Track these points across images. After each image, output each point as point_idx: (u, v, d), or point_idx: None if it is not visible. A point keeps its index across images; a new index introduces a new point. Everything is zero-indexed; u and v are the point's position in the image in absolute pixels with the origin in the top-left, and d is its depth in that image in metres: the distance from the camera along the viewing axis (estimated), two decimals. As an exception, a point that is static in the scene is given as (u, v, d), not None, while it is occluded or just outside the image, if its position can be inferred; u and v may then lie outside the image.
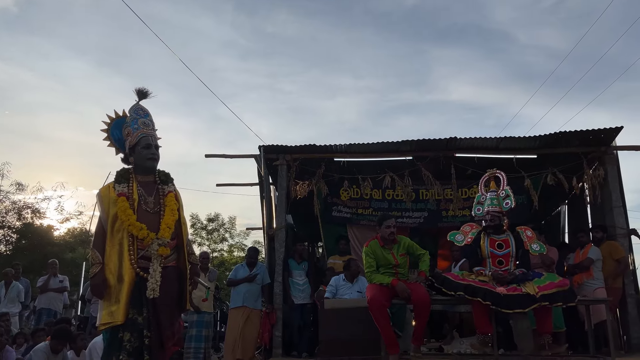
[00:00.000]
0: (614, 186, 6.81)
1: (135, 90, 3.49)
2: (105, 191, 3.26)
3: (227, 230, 26.05)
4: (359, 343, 5.03)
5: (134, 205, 3.18)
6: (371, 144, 7.04)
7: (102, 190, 3.28)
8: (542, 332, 4.60)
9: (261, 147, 7.29)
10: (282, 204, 7.23)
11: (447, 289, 4.56)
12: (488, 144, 7.01)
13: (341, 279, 6.05)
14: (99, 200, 3.27)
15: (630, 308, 6.41)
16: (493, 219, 4.88)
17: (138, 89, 3.49)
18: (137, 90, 3.49)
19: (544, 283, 4.47)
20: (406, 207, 7.75)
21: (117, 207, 3.15)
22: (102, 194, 3.26)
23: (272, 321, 6.55)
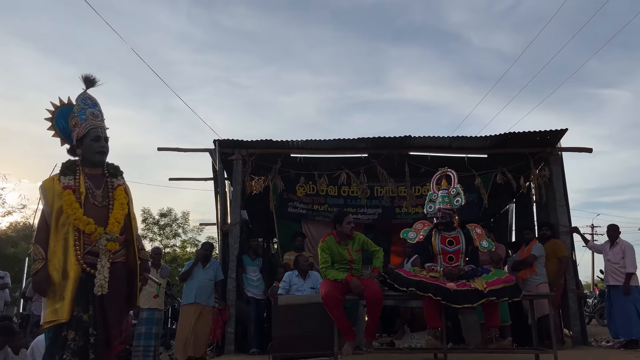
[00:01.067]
0: (558, 186, 7.12)
1: (82, 77, 3.31)
2: (49, 183, 3.10)
3: (180, 226, 25.63)
4: (312, 339, 5.04)
5: (80, 199, 3.05)
6: (328, 140, 7.07)
7: (46, 183, 3.11)
8: (489, 326, 4.75)
9: (216, 141, 7.18)
10: (237, 200, 7.15)
11: (399, 285, 4.63)
12: (441, 143, 7.18)
13: (294, 275, 6.05)
14: (42, 193, 3.11)
15: (571, 302, 6.73)
16: (444, 216, 4.99)
17: (85, 76, 3.30)
18: (84, 77, 3.30)
19: (491, 279, 4.61)
20: (361, 204, 7.83)
21: (62, 200, 3.00)
22: (45, 187, 3.10)
23: (225, 318, 6.48)
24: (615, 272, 6.39)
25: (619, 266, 6.34)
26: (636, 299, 6.28)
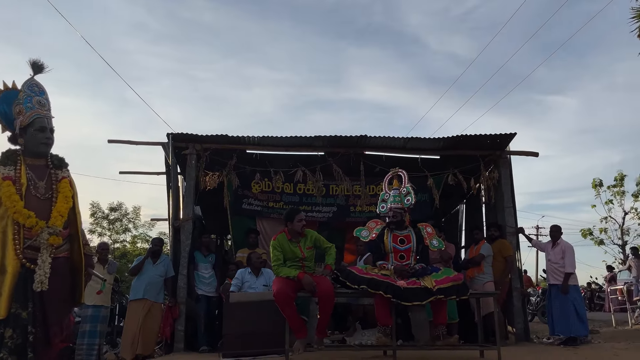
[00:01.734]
0: (506, 188, 7.38)
1: (29, 62, 3.16)
2: (-14, 173, 2.93)
3: (131, 221, 24.93)
4: (263, 336, 5.02)
5: (21, 191, 2.91)
6: (285, 137, 7.04)
7: (-17, 173, 2.95)
8: (437, 324, 4.87)
9: (169, 135, 7.02)
10: (190, 195, 7.02)
11: (351, 283, 4.67)
12: (396, 144, 7.29)
13: (247, 272, 6.00)
14: (-22, 183, 2.94)
15: (515, 301, 6.99)
16: (395, 215, 5.08)
17: (33, 61, 3.15)
18: (32, 62, 3.15)
19: (440, 277, 4.73)
20: (316, 202, 7.86)
21: (1, 191, 2.85)
22: (-18, 177, 2.93)
23: (175, 315, 6.35)
24: (556, 271, 6.68)
25: (559, 266, 6.63)
26: (575, 297, 6.58)
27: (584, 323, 6.57)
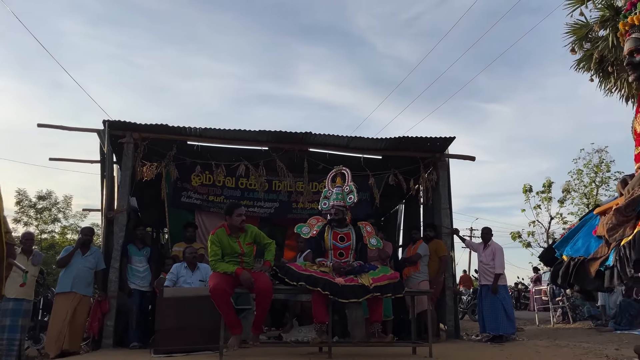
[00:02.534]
0: (443, 190, 7.61)
1: None
2: None
3: (61, 210, 23.73)
4: (197, 332, 4.90)
5: None
6: (228, 130, 6.91)
7: None
8: (372, 321, 4.94)
9: (106, 122, 6.71)
10: (126, 185, 6.73)
11: (289, 279, 4.65)
12: (340, 142, 7.34)
13: (183, 266, 5.84)
14: None
15: (447, 299, 7.23)
16: (337, 212, 5.11)
17: None
18: None
19: (378, 275, 4.80)
20: (258, 197, 7.78)
21: None
22: None
23: (104, 310, 6.07)
24: (487, 272, 6.97)
25: (490, 267, 6.92)
26: (504, 297, 6.89)
27: (512, 322, 6.90)
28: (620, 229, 1.92)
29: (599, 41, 7.70)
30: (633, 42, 2.32)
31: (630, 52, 2.32)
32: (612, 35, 7.64)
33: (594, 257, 2.02)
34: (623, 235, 1.89)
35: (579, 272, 2.06)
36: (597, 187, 17.64)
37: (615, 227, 1.94)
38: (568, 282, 2.13)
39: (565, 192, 18.43)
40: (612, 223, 1.94)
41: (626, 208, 1.94)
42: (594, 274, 1.98)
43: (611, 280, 1.88)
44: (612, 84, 8.12)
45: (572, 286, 2.15)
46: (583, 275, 2.04)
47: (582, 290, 2.28)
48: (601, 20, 7.82)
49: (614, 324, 8.21)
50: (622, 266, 1.82)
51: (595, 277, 1.97)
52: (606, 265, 1.92)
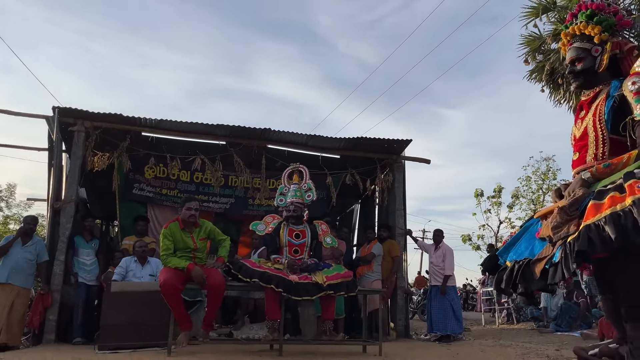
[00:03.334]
0: (398, 191, 7.73)
1: None
2: None
3: (4, 199, 22.63)
4: (145, 328, 4.78)
5: None
6: (184, 122, 6.75)
7: None
8: (324, 319, 4.96)
9: (55, 108, 6.43)
10: (75, 175, 6.47)
11: (243, 276, 4.61)
12: (299, 140, 7.32)
13: (132, 260, 5.68)
14: None
15: (399, 299, 7.35)
16: (296, 209, 5.11)
17: None
18: None
19: (331, 273, 4.83)
20: (214, 192, 7.66)
21: None
22: None
23: (47, 304, 5.81)
24: (437, 273, 7.14)
25: (440, 268, 7.09)
26: (453, 298, 7.08)
27: (460, 322, 7.10)
28: (565, 227, 1.99)
29: (550, 53, 8.03)
30: (574, 51, 2.42)
31: (571, 61, 2.41)
32: (564, 48, 8.01)
33: (539, 257, 2.09)
34: (568, 232, 1.97)
35: (525, 274, 2.11)
36: (544, 194, 18.36)
37: (560, 226, 2.01)
38: (512, 284, 2.19)
39: (514, 197, 19.10)
40: (557, 222, 2.02)
41: (570, 207, 2.03)
42: (539, 273, 2.04)
43: (554, 276, 1.95)
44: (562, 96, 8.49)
45: (515, 288, 2.20)
46: (528, 276, 2.10)
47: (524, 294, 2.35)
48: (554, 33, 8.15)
49: (554, 326, 8.57)
50: (566, 262, 1.89)
51: (540, 276, 2.04)
52: (552, 262, 1.98)
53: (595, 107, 2.29)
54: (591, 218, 1.88)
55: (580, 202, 2.03)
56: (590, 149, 2.26)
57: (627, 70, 2.28)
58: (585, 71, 2.37)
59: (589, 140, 2.27)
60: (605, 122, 2.23)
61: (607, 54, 2.32)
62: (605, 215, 1.83)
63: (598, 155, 2.23)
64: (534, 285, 2.11)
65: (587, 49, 2.37)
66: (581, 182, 2.11)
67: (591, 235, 1.83)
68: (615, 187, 1.93)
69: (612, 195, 1.88)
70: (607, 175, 2.07)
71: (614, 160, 2.07)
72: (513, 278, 2.16)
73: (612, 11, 2.41)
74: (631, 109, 2.13)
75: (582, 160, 2.29)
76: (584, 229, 1.87)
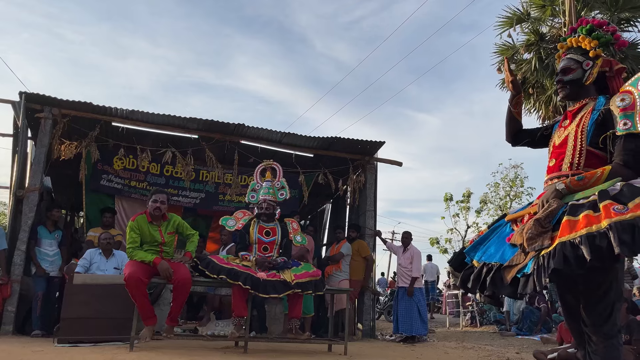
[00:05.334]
0: (370, 192, 7.79)
1: None
2: None
3: (-36, 186, 21.81)
4: (107, 322, 4.67)
5: None
6: (157, 114, 6.65)
7: None
8: (291, 317, 4.95)
9: (22, 93, 6.24)
10: (40, 163, 6.29)
11: (210, 272, 4.56)
12: (272, 137, 7.29)
13: (97, 252, 5.54)
14: None
15: (366, 299, 7.40)
16: (268, 207, 5.08)
17: None
18: None
19: (300, 272, 4.82)
20: (184, 186, 7.56)
21: None
22: None
23: (6, 294, 5.64)
24: (404, 274, 7.21)
25: (407, 270, 7.17)
26: (419, 300, 7.17)
27: (425, 323, 7.20)
28: (539, 240, 2.03)
29: (523, 63, 8.22)
30: (567, 61, 2.48)
31: (562, 70, 2.47)
32: (536, 59, 8.20)
33: (510, 264, 2.12)
34: (542, 245, 2.01)
35: (494, 278, 2.15)
36: (511, 200, 18.78)
37: (534, 237, 2.05)
38: (479, 287, 2.22)
39: (482, 203, 19.45)
40: (532, 233, 2.06)
41: (545, 219, 2.07)
42: (510, 280, 2.08)
43: (525, 286, 1.99)
44: (532, 105, 8.69)
45: (482, 291, 2.24)
46: (498, 281, 2.14)
47: (491, 296, 2.38)
48: (527, 44, 8.34)
49: (516, 329, 8.78)
50: (538, 275, 1.93)
51: (511, 283, 2.08)
52: (524, 273, 2.02)
53: (580, 119, 2.35)
54: (566, 235, 1.92)
55: (555, 214, 2.08)
56: (567, 157, 2.31)
57: (615, 89, 2.36)
58: (573, 82, 2.42)
59: (567, 149, 2.33)
60: (587, 134, 2.28)
61: (597, 69, 2.39)
62: (580, 235, 1.86)
63: (573, 165, 2.28)
64: (503, 291, 2.14)
65: (579, 61, 2.43)
66: (555, 193, 2.15)
67: (566, 253, 1.86)
68: (590, 205, 1.96)
69: (587, 214, 1.92)
70: (580, 188, 2.12)
71: (587, 174, 2.12)
72: (481, 280, 2.20)
73: (610, 30, 2.48)
74: (614, 125, 2.19)
75: (558, 167, 2.34)
76: (559, 246, 1.90)
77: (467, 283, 2.29)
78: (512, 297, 2.46)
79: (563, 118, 2.51)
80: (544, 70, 7.88)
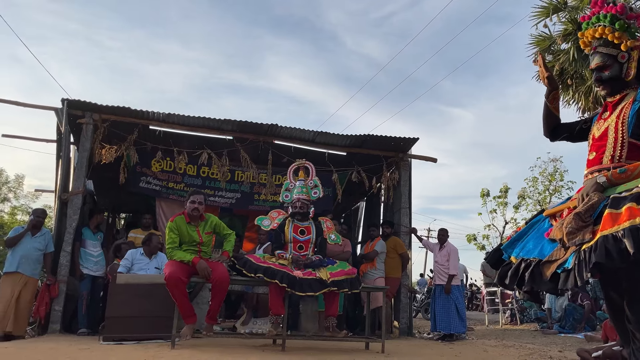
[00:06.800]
0: (404, 189, 7.73)
1: None
2: None
3: (12, 190, 22.87)
4: (149, 321, 4.81)
5: None
6: (192, 117, 6.79)
7: None
8: (328, 315, 4.97)
9: (65, 100, 6.48)
10: (83, 167, 6.52)
11: (247, 271, 4.62)
12: (305, 136, 7.34)
13: (139, 253, 5.71)
14: None
15: (402, 297, 7.35)
16: (302, 206, 5.12)
17: None
18: None
19: (335, 270, 4.83)
20: (220, 187, 7.69)
21: None
22: None
23: (53, 294, 5.87)
24: (441, 272, 7.13)
25: (444, 267, 7.08)
26: (457, 297, 7.07)
27: (464, 321, 7.09)
28: (580, 234, 1.98)
29: (560, 54, 7.97)
30: (600, 57, 2.36)
31: (598, 67, 2.37)
32: (574, 49, 7.95)
33: (549, 259, 2.08)
34: (583, 240, 1.95)
35: (533, 274, 2.11)
36: (550, 194, 18.29)
37: (574, 232, 2.00)
38: (517, 283, 2.19)
39: (520, 198, 19.02)
40: (572, 227, 2.01)
41: (585, 213, 2.02)
42: (549, 276, 2.03)
43: (566, 282, 1.95)
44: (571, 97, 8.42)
45: (520, 287, 2.20)
46: (537, 277, 2.10)
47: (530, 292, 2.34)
48: (564, 34, 8.09)
49: (558, 327, 8.55)
50: (580, 270, 1.88)
51: (550, 279, 2.03)
52: (564, 268, 1.98)
53: (620, 110, 2.28)
54: (609, 228, 1.87)
55: (596, 208, 2.02)
56: (607, 150, 2.24)
57: None
58: (612, 79, 2.34)
59: (607, 141, 2.25)
60: (628, 125, 2.21)
61: (635, 62, 2.29)
62: (623, 228, 1.81)
63: (615, 157, 2.21)
64: (542, 287, 2.10)
65: (613, 56, 2.33)
66: (595, 186, 2.09)
67: (608, 246, 1.81)
68: (633, 198, 1.90)
69: (630, 207, 1.86)
70: (622, 181, 2.05)
71: (630, 167, 2.05)
72: (519, 276, 2.16)
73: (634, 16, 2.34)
74: None
75: (598, 160, 2.27)
76: (601, 240, 1.85)
77: (505, 279, 2.25)
78: (552, 293, 2.42)
79: (603, 109, 2.42)
80: (583, 61, 7.62)
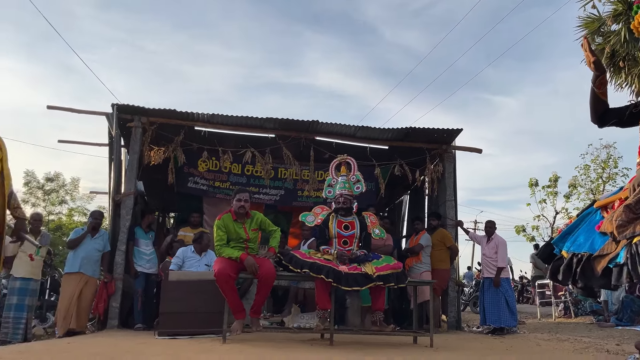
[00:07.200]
0: (449, 182, 7.61)
1: None
2: None
3: (68, 192, 23.95)
4: (200, 316, 4.96)
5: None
6: (235, 116, 6.93)
7: None
8: (375, 309, 4.98)
9: (114, 105, 6.75)
10: (133, 169, 6.79)
11: (294, 266, 4.68)
12: (346, 131, 7.34)
13: (190, 250, 5.90)
14: None
15: (450, 291, 7.26)
16: (345, 201, 5.14)
17: None
18: None
19: (381, 264, 4.83)
20: (264, 184, 7.82)
21: None
22: None
23: (110, 291, 6.16)
24: (489, 265, 6.99)
25: (492, 260, 6.94)
26: (506, 290, 6.92)
27: (514, 314, 6.93)
28: (630, 227, 1.89)
29: (610, 35, 7.61)
30: None
31: None
32: (625, 29, 7.56)
33: (600, 253, 2.01)
34: (634, 233, 1.87)
35: (584, 269, 2.04)
36: (604, 182, 17.56)
37: (625, 224, 1.91)
38: (571, 278, 2.12)
39: (571, 187, 18.36)
40: (622, 220, 1.92)
41: (636, 205, 1.93)
42: (601, 271, 1.96)
43: (619, 277, 1.87)
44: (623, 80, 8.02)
45: (575, 283, 2.13)
46: (588, 272, 2.03)
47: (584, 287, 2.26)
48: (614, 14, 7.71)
49: (615, 320, 8.21)
50: (633, 264, 1.81)
51: (603, 274, 1.96)
52: (616, 263, 1.90)
53: None
54: None
55: None
56: None
57: None
58: None
59: None
60: None
61: None
62: None
63: None
64: (595, 283, 2.03)
65: None
66: None
67: None
68: None
69: None
70: None
71: None
72: (572, 272, 2.10)
73: None
74: None
75: None
76: None
77: (557, 275, 2.20)
78: (606, 288, 2.33)
79: None
80: (635, 42, 7.25)
